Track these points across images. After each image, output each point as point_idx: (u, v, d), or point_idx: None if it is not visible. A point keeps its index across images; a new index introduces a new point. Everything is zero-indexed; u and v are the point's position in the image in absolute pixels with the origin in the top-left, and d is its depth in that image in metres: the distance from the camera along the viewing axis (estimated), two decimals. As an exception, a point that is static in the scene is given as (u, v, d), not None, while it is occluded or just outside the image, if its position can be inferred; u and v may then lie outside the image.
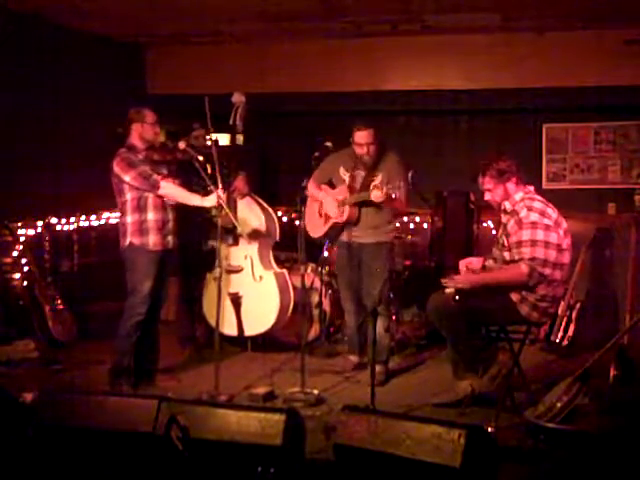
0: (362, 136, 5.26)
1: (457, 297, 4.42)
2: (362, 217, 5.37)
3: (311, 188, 5.54)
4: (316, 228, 5.63)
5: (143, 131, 5.03)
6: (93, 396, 3.76)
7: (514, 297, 4.42)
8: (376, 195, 5.01)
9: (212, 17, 6.59)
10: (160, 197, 5.01)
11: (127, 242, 5.03)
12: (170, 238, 5.12)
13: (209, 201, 4.96)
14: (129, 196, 4.99)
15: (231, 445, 3.41)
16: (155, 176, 4.96)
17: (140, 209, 5.00)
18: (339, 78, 7.41)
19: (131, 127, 5.05)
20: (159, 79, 7.87)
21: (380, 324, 5.31)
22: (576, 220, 5.42)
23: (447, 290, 4.49)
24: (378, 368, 5.34)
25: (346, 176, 5.46)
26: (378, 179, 5.25)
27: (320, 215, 5.58)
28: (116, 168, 4.95)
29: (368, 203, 5.26)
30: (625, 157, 7.35)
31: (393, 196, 4.98)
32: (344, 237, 5.47)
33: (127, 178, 4.94)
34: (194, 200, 5.06)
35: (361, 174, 5.40)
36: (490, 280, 4.49)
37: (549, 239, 4.34)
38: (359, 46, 7.32)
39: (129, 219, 5.01)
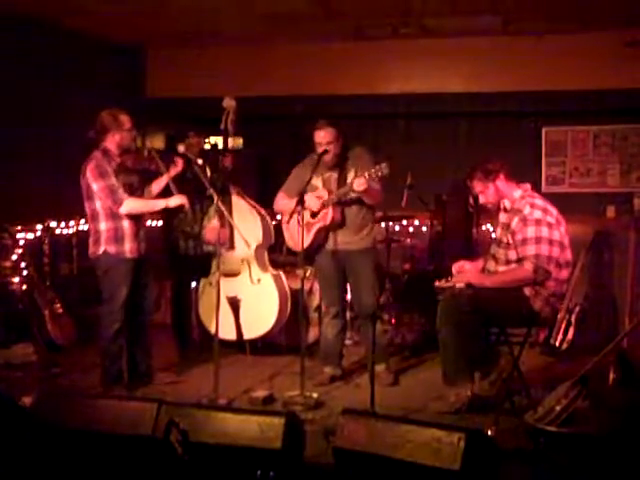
0: (321, 135, 5.12)
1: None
2: (346, 218, 5.21)
3: (282, 202, 5.34)
4: (300, 240, 5.05)
5: (121, 139, 4.94)
6: (92, 399, 3.77)
7: (527, 291, 4.42)
8: (359, 183, 4.89)
9: (211, 19, 6.59)
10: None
11: (101, 250, 4.95)
12: (143, 245, 5.09)
13: (174, 201, 4.97)
14: (99, 204, 4.91)
15: (231, 449, 3.41)
16: (121, 193, 4.86)
17: (114, 216, 4.91)
18: (339, 81, 7.41)
19: (107, 134, 4.93)
20: (159, 82, 7.87)
21: (378, 326, 5.30)
22: (575, 223, 5.41)
23: (457, 285, 4.49)
24: (382, 369, 5.34)
25: (318, 181, 5.25)
26: (352, 173, 5.15)
27: (300, 225, 5.03)
28: (88, 173, 4.87)
29: (350, 202, 5.17)
30: (624, 161, 7.34)
31: (374, 177, 4.87)
32: (329, 245, 5.27)
33: (95, 187, 4.87)
34: (159, 204, 5.07)
35: (333, 175, 5.24)
36: (497, 282, 4.47)
37: (553, 237, 4.38)
38: (359, 49, 7.32)
39: (103, 226, 4.93)
